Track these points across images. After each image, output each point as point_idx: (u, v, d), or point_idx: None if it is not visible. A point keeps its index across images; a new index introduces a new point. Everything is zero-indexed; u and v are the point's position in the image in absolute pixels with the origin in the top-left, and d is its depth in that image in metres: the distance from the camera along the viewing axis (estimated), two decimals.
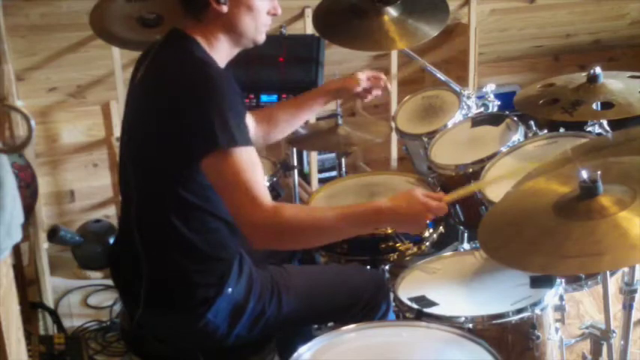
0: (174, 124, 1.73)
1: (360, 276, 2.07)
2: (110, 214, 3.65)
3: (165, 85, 1.79)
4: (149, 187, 1.83)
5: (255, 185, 1.69)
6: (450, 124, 2.60)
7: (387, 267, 2.27)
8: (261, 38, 1.90)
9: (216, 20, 1.81)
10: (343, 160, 2.84)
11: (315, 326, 2.16)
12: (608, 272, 1.75)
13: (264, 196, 1.70)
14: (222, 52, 1.86)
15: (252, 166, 1.70)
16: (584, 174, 1.53)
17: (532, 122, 2.40)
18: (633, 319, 1.77)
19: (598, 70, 2.18)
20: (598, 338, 1.82)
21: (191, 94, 1.73)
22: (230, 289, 1.85)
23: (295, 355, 1.63)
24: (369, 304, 1.97)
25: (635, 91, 2.12)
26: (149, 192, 1.84)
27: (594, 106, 2.11)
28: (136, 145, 1.86)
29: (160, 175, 1.80)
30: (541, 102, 2.22)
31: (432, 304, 1.89)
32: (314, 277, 2.04)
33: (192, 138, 1.71)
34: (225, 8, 1.80)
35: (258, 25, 1.86)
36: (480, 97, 2.72)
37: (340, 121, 2.71)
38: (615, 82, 2.17)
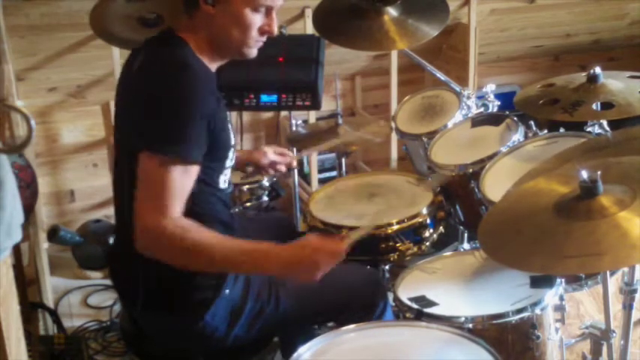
0: (144, 124, 1.72)
1: (357, 275, 2.07)
2: (110, 214, 3.65)
3: (145, 85, 1.77)
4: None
5: (174, 197, 1.65)
6: (450, 124, 2.60)
7: (387, 267, 2.27)
8: (251, 53, 1.84)
9: (206, 23, 1.78)
10: (343, 160, 2.84)
11: (316, 326, 2.16)
12: (608, 272, 1.75)
13: (175, 210, 1.66)
14: (209, 57, 1.83)
15: (184, 181, 1.67)
16: (584, 174, 1.53)
17: (532, 122, 2.40)
18: (633, 319, 1.78)
19: (598, 70, 2.18)
20: (598, 338, 1.82)
21: (165, 97, 1.70)
22: (227, 291, 1.85)
23: (295, 355, 1.63)
24: (366, 303, 1.97)
25: (634, 91, 2.12)
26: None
27: (594, 106, 2.11)
28: (123, 146, 1.86)
29: None
30: (541, 102, 2.22)
31: (432, 304, 1.89)
32: None
33: (147, 132, 1.69)
34: (212, 10, 1.76)
35: (245, 39, 1.79)
36: (479, 97, 2.72)
37: (340, 121, 2.71)
38: (615, 82, 2.17)
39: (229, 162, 1.90)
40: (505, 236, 1.62)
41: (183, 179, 1.68)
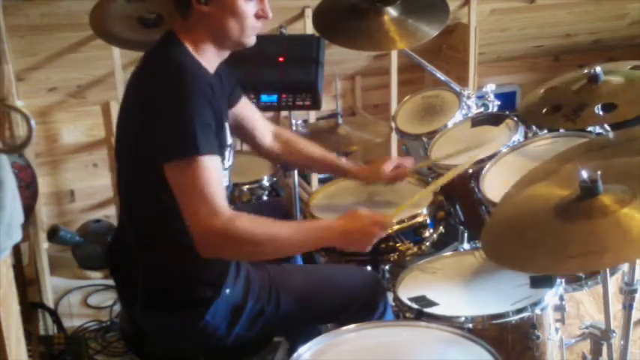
0: (145, 128, 1.74)
1: (357, 275, 2.07)
2: (110, 214, 3.65)
3: (141, 87, 1.79)
4: (140, 189, 1.83)
5: (214, 194, 1.68)
6: (450, 124, 2.60)
7: (387, 267, 2.27)
8: (250, 41, 1.86)
9: (201, 21, 1.80)
10: (343, 160, 2.84)
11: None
12: (608, 272, 1.75)
13: (222, 205, 1.70)
14: (209, 54, 1.84)
15: (211, 175, 1.70)
16: (584, 174, 1.53)
17: None
18: (633, 319, 1.78)
19: (598, 69, 2.17)
20: (598, 338, 1.82)
21: (160, 99, 1.72)
22: (228, 290, 1.85)
23: (295, 355, 1.63)
24: (366, 304, 1.97)
25: (636, 85, 2.09)
26: (141, 194, 1.84)
27: (596, 109, 2.09)
28: (121, 146, 1.87)
29: (148, 177, 1.79)
30: (544, 111, 2.20)
31: (432, 304, 1.89)
32: (311, 276, 2.04)
33: (156, 144, 1.71)
34: (205, 8, 1.78)
35: (244, 28, 1.82)
36: (479, 97, 2.72)
37: (340, 121, 2.71)
38: (616, 78, 2.15)
39: (226, 162, 1.90)
40: (508, 241, 1.62)
41: (212, 173, 1.70)
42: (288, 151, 2.27)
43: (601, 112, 2.08)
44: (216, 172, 1.71)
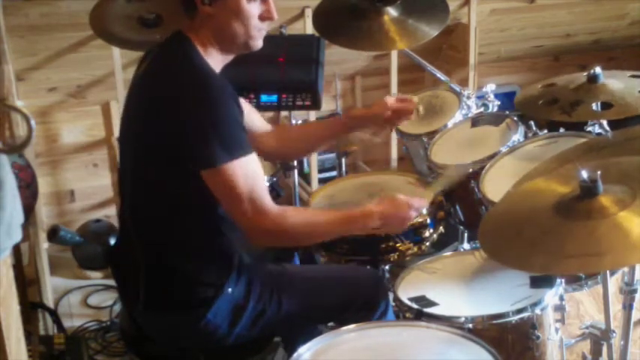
0: (172, 132, 1.73)
1: (358, 275, 2.07)
2: (110, 214, 3.65)
3: (164, 90, 1.78)
4: (146, 188, 1.83)
5: (257, 193, 1.72)
6: (450, 124, 2.59)
7: (387, 267, 2.27)
8: (256, 44, 1.85)
9: (207, 23, 1.80)
10: (343, 160, 2.84)
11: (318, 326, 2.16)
12: (608, 272, 1.75)
13: (267, 203, 1.74)
14: (215, 56, 1.84)
15: (252, 175, 1.72)
16: (584, 174, 1.53)
17: (532, 122, 2.40)
18: (633, 319, 1.78)
19: (598, 70, 2.18)
20: (598, 338, 1.82)
21: (189, 105, 1.72)
22: (230, 289, 1.85)
23: (295, 355, 1.63)
24: (367, 303, 1.97)
25: (634, 91, 2.12)
26: (146, 192, 1.84)
27: (594, 106, 2.11)
28: (132, 145, 1.86)
29: (158, 177, 1.80)
30: (540, 102, 2.22)
31: (432, 304, 1.89)
32: (313, 277, 2.04)
33: (191, 151, 1.72)
34: (209, 9, 1.77)
35: (248, 30, 1.81)
36: (479, 97, 2.72)
37: None
38: (615, 82, 2.17)
39: None
40: (505, 237, 1.62)
41: (254, 172, 1.73)
42: (284, 139, 2.24)
43: (599, 108, 2.09)
44: (257, 170, 1.75)
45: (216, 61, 1.84)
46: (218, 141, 1.69)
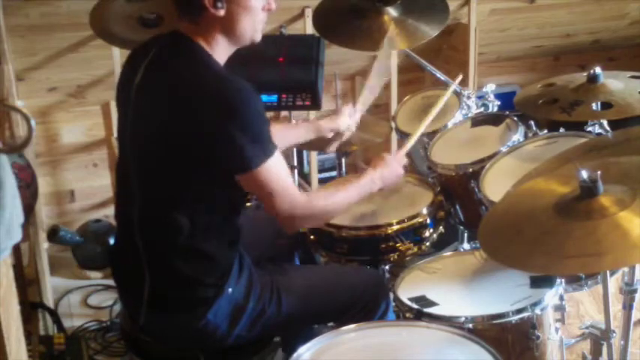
0: (196, 136, 1.73)
1: (359, 275, 2.07)
2: (110, 214, 3.64)
3: (185, 94, 1.76)
4: (156, 188, 1.83)
5: (287, 187, 1.81)
6: (450, 124, 2.59)
7: (387, 267, 2.27)
8: (259, 37, 1.88)
9: (214, 23, 1.79)
10: (343, 160, 2.84)
11: (316, 326, 2.16)
12: (608, 272, 1.75)
13: (296, 193, 1.84)
14: (221, 53, 1.84)
15: (280, 171, 1.80)
16: (584, 174, 1.53)
17: (532, 122, 2.40)
18: (633, 319, 1.78)
19: (598, 70, 2.18)
20: (598, 338, 1.82)
21: (217, 110, 1.71)
22: (230, 289, 1.85)
23: (295, 355, 1.63)
24: (368, 304, 1.97)
25: (634, 92, 2.12)
26: (155, 193, 1.83)
27: (594, 106, 2.11)
28: (141, 147, 1.84)
29: (169, 177, 1.80)
30: (540, 102, 2.23)
31: (432, 304, 1.89)
32: (313, 277, 2.04)
33: (223, 157, 1.74)
34: (222, 12, 1.78)
35: (255, 25, 1.84)
36: (479, 97, 2.72)
37: None
38: (615, 82, 2.17)
39: None
40: (505, 237, 1.62)
41: (281, 165, 1.80)
42: None
43: (599, 108, 2.09)
44: (283, 162, 1.82)
45: (220, 57, 1.85)
46: (251, 146, 1.72)
